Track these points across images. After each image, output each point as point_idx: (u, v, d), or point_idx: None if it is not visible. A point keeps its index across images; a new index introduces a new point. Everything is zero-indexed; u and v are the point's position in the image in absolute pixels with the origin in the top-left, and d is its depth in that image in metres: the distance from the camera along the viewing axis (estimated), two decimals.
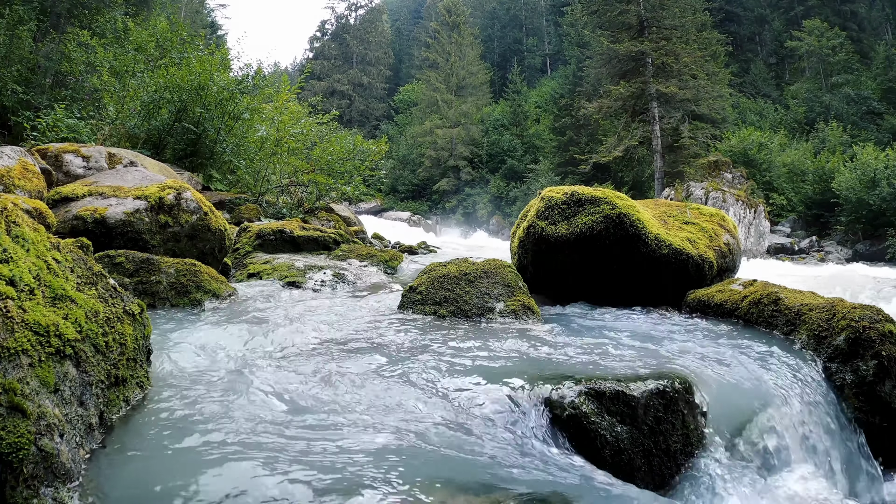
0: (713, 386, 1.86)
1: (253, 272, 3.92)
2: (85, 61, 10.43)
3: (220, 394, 1.56)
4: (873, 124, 28.26)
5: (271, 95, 9.43)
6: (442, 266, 2.96)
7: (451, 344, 2.15)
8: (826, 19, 33.79)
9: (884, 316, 2.23)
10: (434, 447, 1.32)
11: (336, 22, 55.29)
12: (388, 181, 38.15)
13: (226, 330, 2.30)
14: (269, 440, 1.27)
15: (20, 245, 1.26)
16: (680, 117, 23.87)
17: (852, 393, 2.09)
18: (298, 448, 1.24)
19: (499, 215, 33.50)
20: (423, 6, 61.69)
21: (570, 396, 1.60)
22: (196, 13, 36.56)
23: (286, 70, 54.45)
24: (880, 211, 18.97)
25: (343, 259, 4.72)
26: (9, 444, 0.93)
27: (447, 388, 1.68)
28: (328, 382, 1.71)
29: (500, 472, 1.25)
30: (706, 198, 20.42)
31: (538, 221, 3.30)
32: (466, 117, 38.98)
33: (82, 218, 3.23)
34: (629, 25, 24.71)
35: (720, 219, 3.86)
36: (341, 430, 1.37)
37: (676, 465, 1.62)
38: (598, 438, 1.55)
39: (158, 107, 7.95)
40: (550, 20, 50.79)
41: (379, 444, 1.30)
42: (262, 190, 7.95)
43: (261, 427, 1.34)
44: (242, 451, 1.20)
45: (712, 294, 3.01)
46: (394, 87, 52.62)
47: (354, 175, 8.66)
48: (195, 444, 1.23)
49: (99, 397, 1.27)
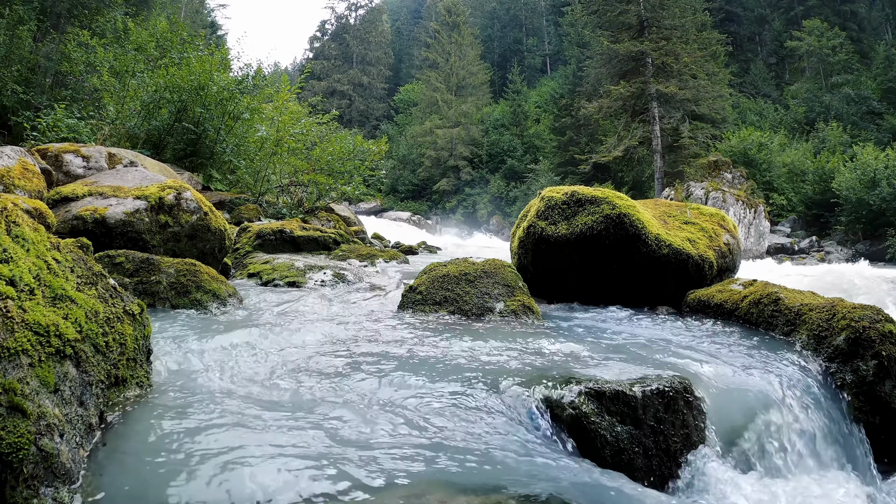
0: (713, 386, 1.86)
1: (253, 272, 3.92)
2: (85, 61, 10.43)
3: (220, 393, 1.56)
4: (873, 124, 28.26)
5: (271, 95, 9.44)
6: (442, 266, 2.96)
7: (451, 344, 2.15)
8: (826, 19, 33.78)
9: (884, 316, 2.23)
10: (433, 447, 1.32)
11: (336, 22, 55.28)
12: (388, 181, 38.15)
13: (226, 330, 2.30)
14: (269, 439, 1.27)
15: (20, 245, 1.26)
16: (680, 117, 23.87)
17: (852, 393, 2.09)
18: (297, 447, 1.24)
19: (499, 215, 33.50)
20: (423, 6, 61.69)
21: (570, 396, 1.60)
22: (196, 13, 36.55)
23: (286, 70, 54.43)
24: (880, 211, 18.97)
25: (343, 259, 4.72)
26: (9, 444, 0.93)
27: (447, 387, 1.68)
28: (327, 382, 1.71)
29: (499, 472, 1.25)
30: (706, 198, 20.43)
31: (538, 221, 3.30)
32: (466, 117, 38.98)
33: (82, 218, 3.23)
34: (629, 25, 24.71)
35: (720, 219, 3.86)
36: (341, 430, 1.37)
37: (677, 465, 1.62)
38: (598, 438, 1.55)
39: (158, 107, 7.96)
40: (550, 20, 50.80)
41: (378, 444, 1.30)
42: (262, 190, 7.95)
43: (260, 426, 1.34)
44: (242, 450, 1.20)
45: (712, 294, 3.01)
46: (394, 87, 52.62)
47: (354, 175, 8.66)
48: (195, 443, 1.23)
49: (99, 397, 1.27)
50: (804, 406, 1.95)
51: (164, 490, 1.05)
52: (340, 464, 1.19)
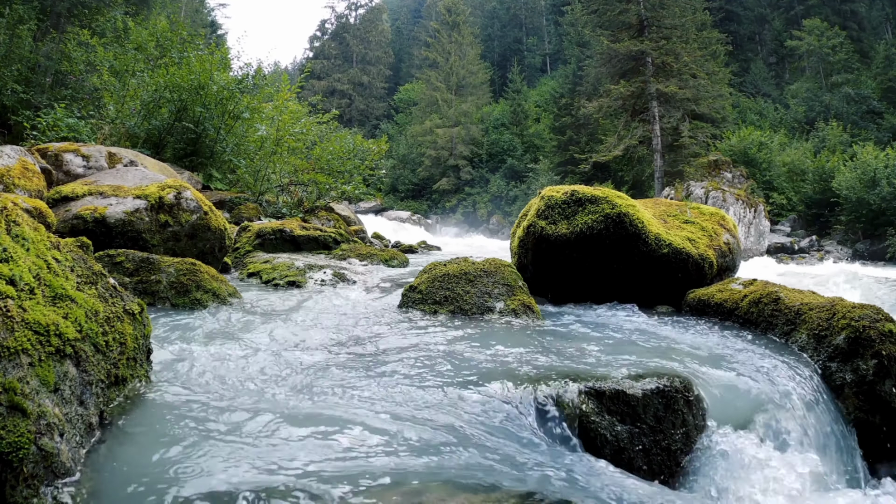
0: (713, 385, 1.86)
1: (253, 271, 3.92)
2: (85, 61, 10.43)
3: (220, 393, 1.56)
4: (873, 123, 28.26)
5: (271, 95, 9.43)
6: (442, 265, 2.96)
7: (451, 343, 2.15)
8: (826, 19, 33.78)
9: (884, 315, 2.23)
10: (433, 446, 1.32)
11: (336, 21, 55.25)
12: (387, 180, 38.16)
13: (226, 329, 2.30)
14: (269, 439, 1.27)
15: (20, 244, 1.26)
16: (680, 117, 23.87)
17: (852, 392, 2.09)
18: (297, 447, 1.24)
19: (499, 215, 33.50)
20: (423, 5, 61.65)
21: (569, 395, 1.60)
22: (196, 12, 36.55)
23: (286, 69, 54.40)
24: (880, 210, 18.97)
25: (343, 258, 4.72)
26: (9, 443, 0.93)
27: (446, 386, 1.68)
28: (327, 381, 1.71)
29: (499, 470, 1.25)
30: (706, 197, 20.43)
31: (538, 221, 3.30)
32: (466, 116, 38.97)
33: (82, 217, 3.23)
34: (629, 25, 24.72)
35: (720, 218, 3.86)
36: (340, 430, 1.37)
37: (677, 464, 1.62)
38: (599, 437, 1.55)
39: (158, 106, 7.95)
40: (550, 20, 50.80)
41: (378, 443, 1.30)
42: (262, 189, 7.95)
43: (260, 425, 1.34)
44: (242, 450, 1.21)
45: (712, 293, 3.01)
46: (394, 87, 52.60)
47: (354, 174, 8.67)
48: (195, 443, 1.23)
49: (99, 396, 1.27)
50: (804, 406, 1.95)
51: (164, 489, 1.05)
52: (340, 462, 1.19)
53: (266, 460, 1.16)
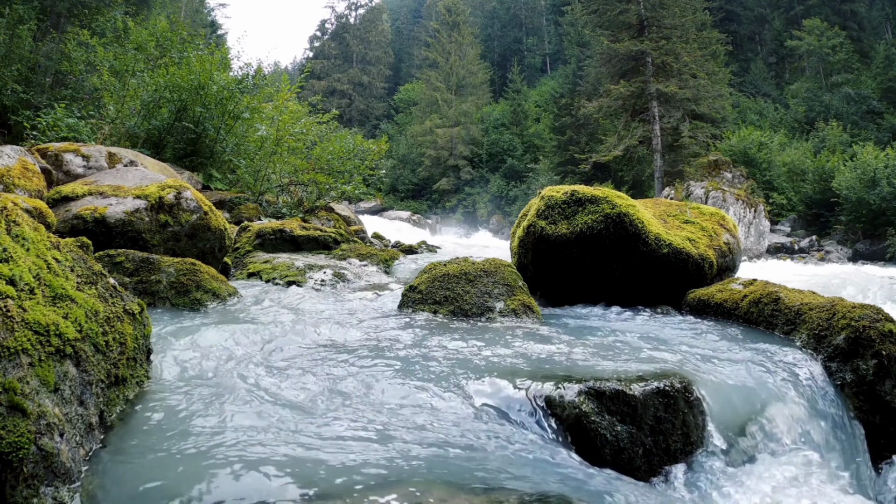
0: (713, 385, 1.86)
1: (253, 271, 3.92)
2: (85, 60, 10.42)
3: (220, 393, 1.56)
4: (873, 123, 28.27)
5: (271, 95, 9.43)
6: (442, 265, 2.96)
7: (451, 343, 2.15)
8: (826, 19, 33.79)
9: (884, 315, 2.23)
10: (433, 445, 1.32)
11: (336, 21, 55.26)
12: (388, 180, 38.16)
13: (226, 329, 2.30)
14: (269, 439, 1.27)
15: (20, 244, 1.26)
16: (680, 117, 23.88)
17: (852, 392, 2.09)
18: (297, 447, 1.24)
19: (499, 215, 33.51)
20: (423, 5, 61.65)
21: (569, 396, 1.60)
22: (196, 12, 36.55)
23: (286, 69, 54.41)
24: (880, 210, 18.98)
25: (343, 258, 4.72)
26: (9, 443, 0.93)
27: (446, 386, 1.68)
28: (327, 382, 1.71)
29: (499, 471, 1.25)
30: (706, 197, 20.44)
31: (538, 221, 3.30)
32: (466, 116, 38.98)
33: (82, 217, 3.23)
34: (629, 25, 24.73)
35: (720, 218, 3.86)
36: (340, 429, 1.37)
37: (677, 464, 1.62)
38: (598, 438, 1.55)
39: (158, 106, 7.95)
40: (550, 20, 50.81)
41: (378, 443, 1.30)
42: (262, 189, 7.95)
43: (260, 426, 1.34)
44: (242, 450, 1.20)
45: (712, 293, 3.01)
46: (394, 87, 52.62)
47: (354, 174, 8.66)
48: (195, 443, 1.23)
49: (99, 396, 1.27)
50: (804, 406, 1.95)
51: (163, 489, 1.05)
52: (340, 462, 1.19)
53: (266, 460, 1.16)
